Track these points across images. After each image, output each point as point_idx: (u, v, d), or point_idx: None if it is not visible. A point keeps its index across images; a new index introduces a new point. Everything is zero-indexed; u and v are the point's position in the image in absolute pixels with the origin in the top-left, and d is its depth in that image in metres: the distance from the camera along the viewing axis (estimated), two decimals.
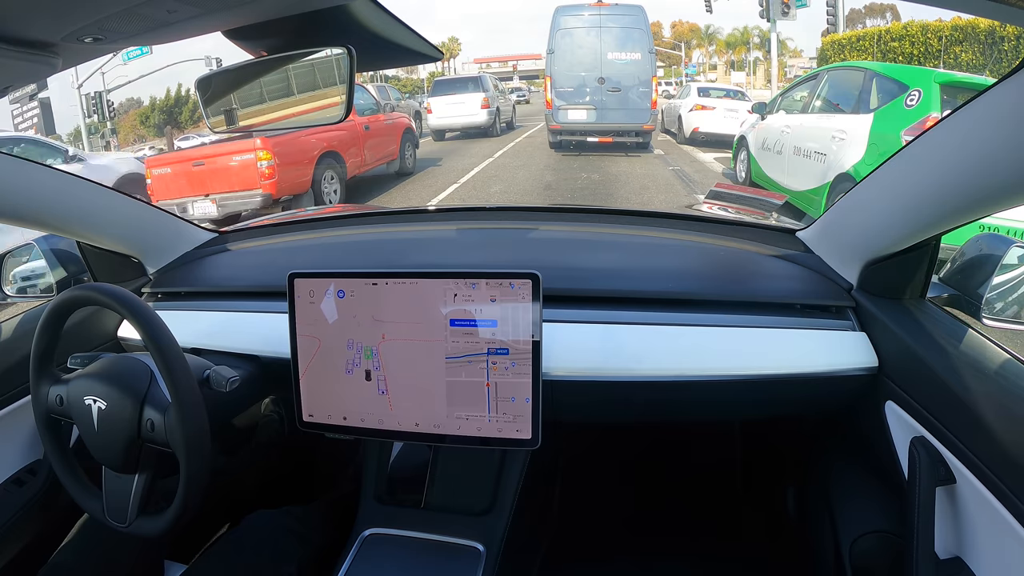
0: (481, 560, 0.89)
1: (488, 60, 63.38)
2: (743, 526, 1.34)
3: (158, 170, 5.73)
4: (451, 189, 7.43)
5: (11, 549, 0.96)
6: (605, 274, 1.00)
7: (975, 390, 0.66)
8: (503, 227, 1.26)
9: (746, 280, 0.97)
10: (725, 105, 11.02)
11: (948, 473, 0.68)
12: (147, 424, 0.77)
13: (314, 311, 0.86)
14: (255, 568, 0.94)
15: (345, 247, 1.23)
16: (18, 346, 0.99)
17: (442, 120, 12.74)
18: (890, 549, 0.80)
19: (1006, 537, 0.59)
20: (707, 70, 51.37)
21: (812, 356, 0.85)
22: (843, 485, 0.93)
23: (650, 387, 0.87)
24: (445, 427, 0.84)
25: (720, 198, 2.00)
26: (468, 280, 0.80)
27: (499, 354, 0.80)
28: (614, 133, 9.41)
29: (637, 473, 1.48)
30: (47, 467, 1.01)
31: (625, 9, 9.28)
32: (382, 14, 0.68)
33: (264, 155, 5.43)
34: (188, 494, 0.76)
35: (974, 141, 0.58)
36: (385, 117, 8.06)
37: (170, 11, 0.51)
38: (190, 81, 3.66)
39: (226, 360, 0.94)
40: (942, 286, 0.86)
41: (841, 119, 4.55)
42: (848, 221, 0.89)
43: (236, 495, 1.27)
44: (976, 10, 0.45)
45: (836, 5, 16.94)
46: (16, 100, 13.64)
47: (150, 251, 1.15)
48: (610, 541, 1.30)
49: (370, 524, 0.96)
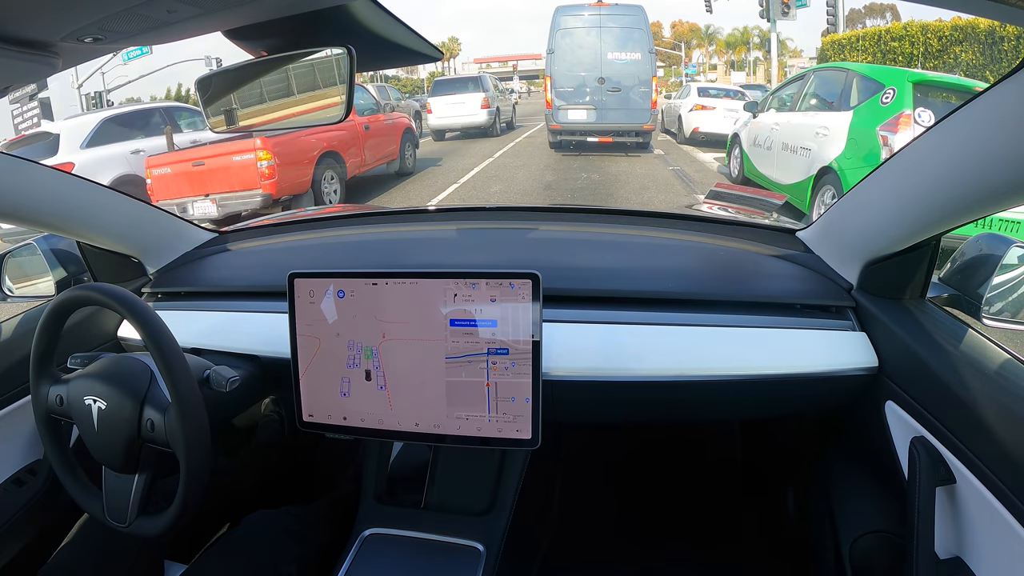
0: (481, 560, 0.89)
1: (488, 60, 63.35)
2: (743, 526, 1.34)
3: (158, 170, 5.72)
4: (451, 189, 7.43)
5: (11, 549, 0.96)
6: (605, 274, 1.00)
7: (975, 390, 0.66)
8: (503, 227, 1.26)
9: (746, 280, 0.97)
10: (725, 105, 11.02)
11: (948, 473, 0.68)
12: (147, 424, 0.77)
13: (314, 311, 0.86)
14: (255, 568, 0.94)
15: (345, 247, 1.23)
16: (18, 346, 0.99)
17: (442, 120, 12.73)
18: (890, 549, 0.80)
19: (1006, 537, 0.59)
20: (707, 70, 51.37)
21: (812, 356, 0.85)
22: (843, 485, 0.93)
23: (650, 387, 0.87)
24: (445, 427, 0.84)
25: (720, 198, 2.00)
26: (468, 280, 0.80)
27: (499, 354, 0.80)
28: (614, 133, 9.41)
29: (637, 473, 1.48)
30: (47, 467, 1.01)
31: (625, 9, 9.28)
32: (382, 14, 0.68)
33: (264, 155, 5.43)
34: (188, 494, 0.76)
35: (974, 141, 0.58)
36: (385, 117, 8.06)
37: (170, 11, 0.51)
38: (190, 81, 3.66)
39: (226, 360, 0.94)
40: (942, 286, 0.86)
41: (824, 116, 4.84)
42: (848, 221, 0.89)
43: (236, 495, 1.27)
44: (976, 10, 0.45)
45: (836, 5, 16.94)
46: (16, 100, 13.61)
47: (150, 251, 1.15)
48: (610, 541, 1.30)
49: (370, 524, 0.96)
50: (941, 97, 4.05)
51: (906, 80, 4.07)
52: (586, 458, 1.48)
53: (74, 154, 6.12)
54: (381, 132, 7.63)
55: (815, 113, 5.05)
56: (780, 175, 5.39)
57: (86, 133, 6.35)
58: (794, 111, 5.47)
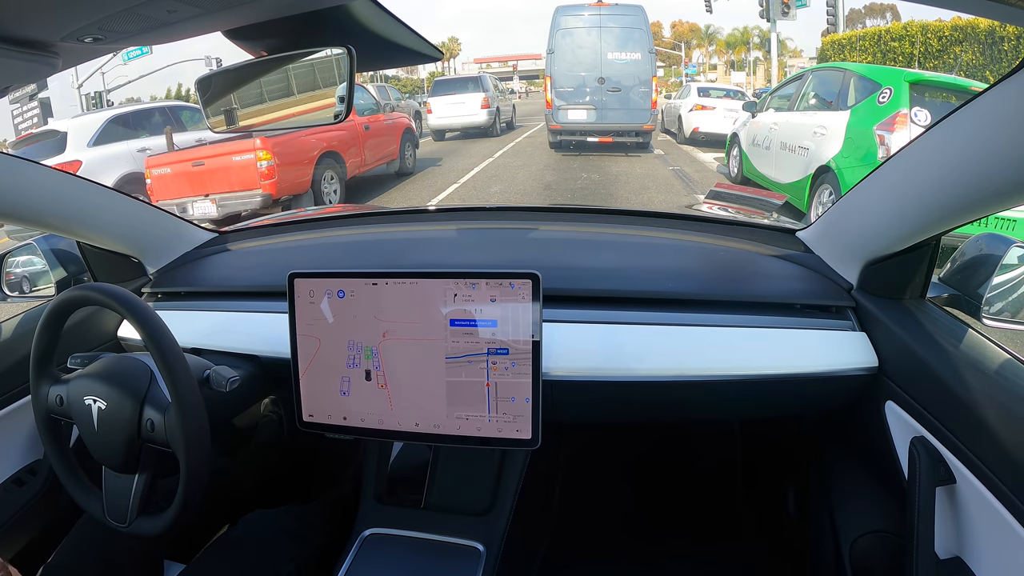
0: (481, 560, 0.89)
1: (488, 60, 63.32)
2: (743, 526, 1.34)
3: (158, 170, 5.72)
4: (451, 189, 7.43)
5: (11, 549, 0.96)
6: (605, 274, 1.00)
7: (975, 390, 0.66)
8: (503, 227, 1.26)
9: (746, 280, 0.97)
10: (725, 105, 11.02)
11: (948, 473, 0.68)
12: (147, 424, 0.77)
13: (314, 311, 0.86)
14: (254, 568, 0.94)
15: (345, 247, 1.23)
16: (18, 346, 0.99)
17: (442, 120, 12.73)
18: (890, 549, 0.80)
19: (1006, 537, 0.59)
20: (707, 70, 51.33)
21: (812, 356, 0.85)
22: (843, 485, 0.93)
23: (650, 387, 0.87)
24: (445, 427, 0.84)
25: (720, 198, 2.01)
26: (468, 280, 0.80)
27: (499, 354, 0.80)
28: (614, 133, 9.41)
29: (637, 473, 1.48)
30: (47, 467, 1.01)
31: (625, 9, 9.28)
32: (382, 14, 0.68)
33: (264, 155, 5.43)
34: (188, 494, 0.76)
35: (975, 141, 0.58)
36: (385, 117, 8.06)
37: (170, 11, 0.51)
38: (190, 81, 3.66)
39: (226, 360, 0.94)
40: (942, 286, 0.86)
41: (822, 116, 4.87)
42: (848, 221, 0.89)
43: (236, 495, 1.27)
44: (976, 10, 0.45)
45: (836, 5, 16.94)
46: (16, 100, 13.62)
47: (150, 251, 1.15)
48: (610, 541, 1.30)
49: (370, 524, 0.96)
50: (938, 97, 4.08)
51: (903, 80, 4.11)
52: (586, 458, 1.48)
53: (81, 152, 6.15)
54: (381, 132, 7.63)
55: (813, 113, 5.08)
56: (779, 174, 5.43)
57: (93, 131, 6.38)
58: (792, 111, 5.51)
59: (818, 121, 4.82)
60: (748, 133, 6.50)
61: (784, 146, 5.34)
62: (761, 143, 5.99)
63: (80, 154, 6.11)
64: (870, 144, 4.00)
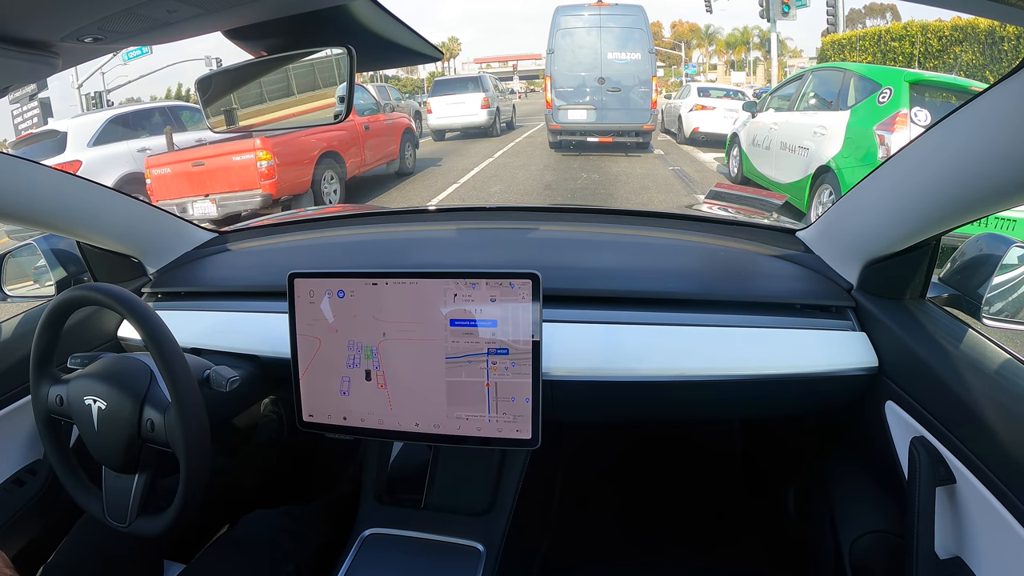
0: (481, 560, 0.89)
1: (488, 60, 63.31)
2: (743, 526, 1.34)
3: (158, 170, 5.72)
4: (451, 189, 7.43)
5: (11, 549, 0.96)
6: (605, 274, 1.00)
7: (975, 390, 0.66)
8: (503, 227, 1.26)
9: (746, 280, 0.97)
10: (725, 105, 11.02)
11: (948, 473, 0.68)
12: (147, 424, 0.77)
13: (314, 311, 0.86)
14: (254, 568, 0.94)
15: (345, 247, 1.23)
16: (18, 346, 0.99)
17: (442, 120, 12.73)
18: (890, 549, 0.80)
19: (1006, 537, 0.59)
20: (707, 70, 51.33)
21: (812, 356, 0.85)
22: (843, 485, 0.93)
23: (650, 387, 0.87)
24: (445, 427, 0.84)
25: (720, 198, 2.01)
26: (468, 280, 0.80)
27: (499, 354, 0.80)
28: (614, 133, 9.41)
29: (637, 473, 1.48)
30: (47, 467, 1.01)
31: (625, 9, 9.28)
32: (382, 14, 0.68)
33: (264, 155, 5.43)
34: (188, 494, 0.76)
35: (975, 141, 0.58)
36: (385, 117, 8.06)
37: (170, 11, 0.51)
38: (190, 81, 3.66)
39: (226, 360, 0.94)
40: (942, 286, 0.86)
41: (822, 116, 4.87)
42: (848, 221, 0.89)
43: (236, 495, 1.27)
44: (976, 10, 0.45)
45: (836, 5, 16.93)
46: (16, 100, 13.62)
47: (150, 251, 1.15)
48: (610, 541, 1.30)
49: (370, 524, 0.96)
50: (938, 97, 4.08)
51: (902, 80, 4.12)
52: (586, 458, 1.48)
53: (81, 152, 6.15)
54: (381, 132, 7.63)
55: (813, 113, 5.08)
56: (779, 174, 5.43)
57: (93, 131, 6.38)
58: (792, 111, 5.51)
59: (818, 121, 4.82)
60: (748, 133, 6.51)
61: (784, 146, 5.35)
62: (761, 143, 6.00)
63: (80, 154, 6.11)
64: (870, 144, 4.00)
